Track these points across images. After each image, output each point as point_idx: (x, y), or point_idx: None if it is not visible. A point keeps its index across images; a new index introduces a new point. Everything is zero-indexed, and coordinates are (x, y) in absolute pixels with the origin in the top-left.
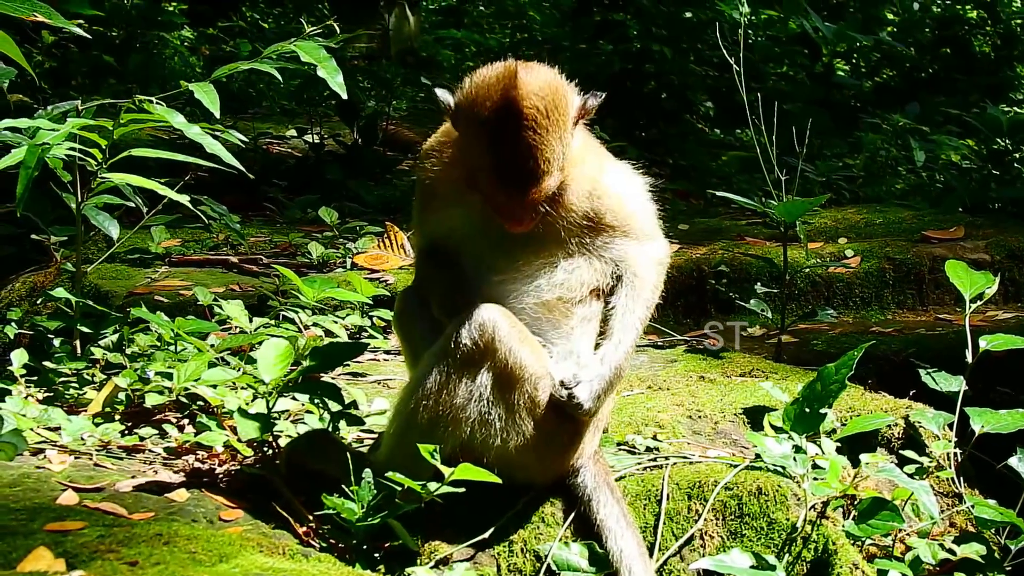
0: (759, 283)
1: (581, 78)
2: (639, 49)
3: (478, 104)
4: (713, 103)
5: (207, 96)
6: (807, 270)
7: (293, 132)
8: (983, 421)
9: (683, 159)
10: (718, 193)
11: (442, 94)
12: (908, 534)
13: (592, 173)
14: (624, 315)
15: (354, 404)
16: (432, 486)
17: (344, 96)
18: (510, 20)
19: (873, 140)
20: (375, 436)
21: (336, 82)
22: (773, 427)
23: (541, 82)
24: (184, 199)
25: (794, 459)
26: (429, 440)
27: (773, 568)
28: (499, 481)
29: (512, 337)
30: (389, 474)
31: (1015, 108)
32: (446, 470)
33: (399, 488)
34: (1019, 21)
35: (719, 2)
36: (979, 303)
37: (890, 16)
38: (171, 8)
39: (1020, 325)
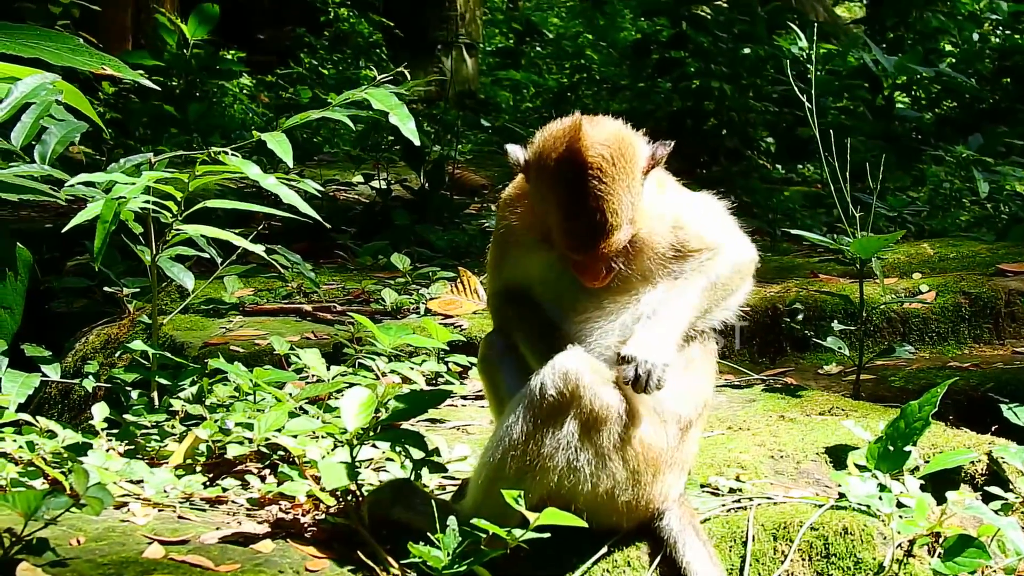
0: (836, 321)
1: (641, 117)
2: (698, 87)
3: (545, 159)
4: (774, 139)
5: (280, 146)
6: (883, 306)
7: (360, 178)
8: None
9: (746, 196)
10: (792, 232)
11: (513, 150)
12: (995, 571)
13: (673, 205)
14: (678, 289)
15: (436, 451)
16: (517, 532)
17: (417, 143)
18: (568, 60)
19: (936, 172)
20: (457, 482)
21: (409, 129)
22: (857, 466)
23: (606, 134)
24: (260, 249)
25: (880, 498)
26: (517, 488)
27: None
28: (585, 525)
29: (596, 382)
30: (475, 521)
31: None
32: (531, 515)
33: (484, 535)
34: None
35: (778, 38)
36: None
37: (949, 48)
38: (230, 56)
39: None
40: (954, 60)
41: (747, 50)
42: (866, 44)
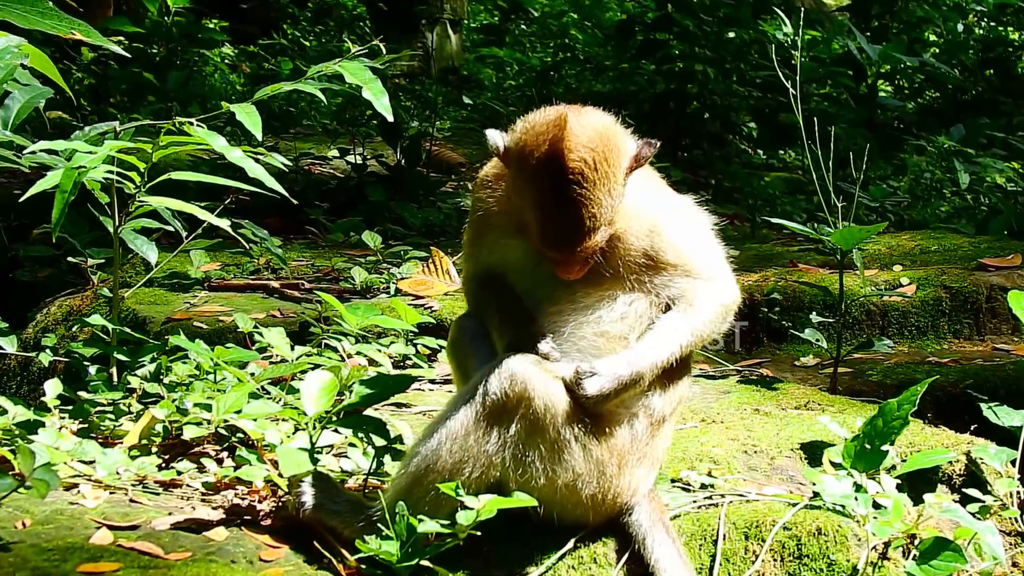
0: (814, 312)
1: (623, 98)
2: (682, 69)
3: (527, 152)
4: (756, 124)
5: (249, 118)
6: (862, 299)
7: (335, 152)
8: None
9: (727, 181)
10: (772, 220)
11: (492, 136)
12: (971, 575)
13: (652, 210)
14: (666, 331)
15: (399, 439)
16: (464, 520)
17: (390, 118)
18: (552, 39)
19: (917, 162)
20: None
21: (382, 104)
22: (832, 464)
23: (591, 134)
24: (224, 223)
25: (855, 498)
26: (452, 480)
27: None
28: (535, 503)
29: (546, 381)
30: (399, 512)
31: None
32: (474, 502)
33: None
34: None
35: (763, 23)
36: None
37: (933, 38)
38: (212, 25)
39: None
40: (938, 50)
41: (732, 34)
42: (851, 31)
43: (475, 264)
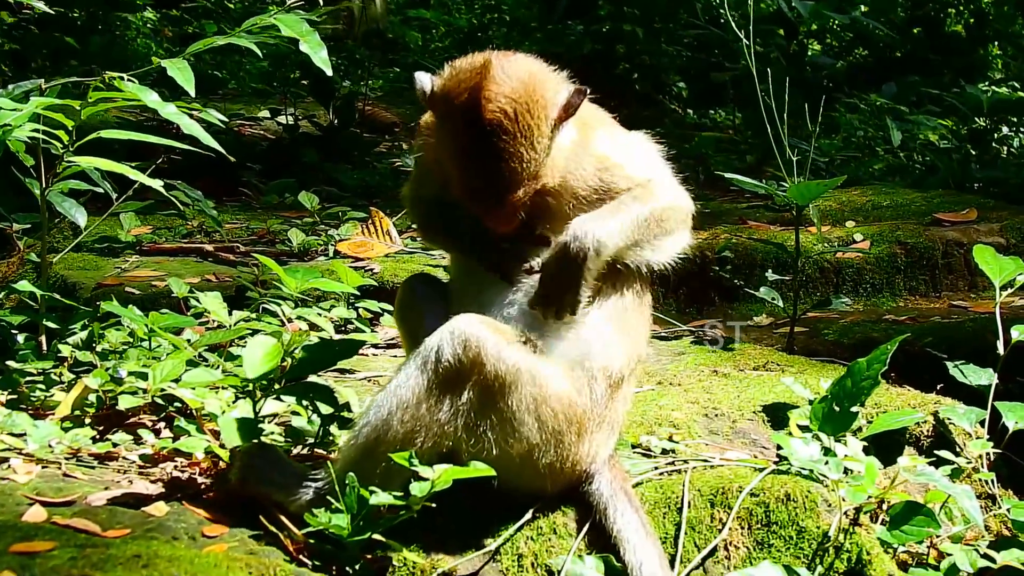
0: (769, 270)
1: (551, 59)
2: (610, 30)
3: (449, 99)
4: (686, 84)
5: (181, 74)
6: (816, 256)
7: (266, 113)
8: (1017, 417)
9: (659, 142)
10: (727, 175)
11: (420, 78)
12: (941, 539)
13: (599, 148)
14: (622, 202)
15: (347, 406)
16: (418, 492)
17: (329, 72)
18: (479, 0)
19: (850, 120)
20: None
21: (320, 57)
22: (799, 427)
23: (515, 83)
24: (157, 184)
25: (826, 462)
26: (403, 451)
27: None
28: (492, 473)
29: (500, 345)
30: (349, 484)
31: (993, 88)
32: (429, 472)
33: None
34: (989, 1)
35: None
36: (1010, 290)
37: None
38: None
39: None
40: (866, 8)
41: None
42: None
43: (418, 192)
